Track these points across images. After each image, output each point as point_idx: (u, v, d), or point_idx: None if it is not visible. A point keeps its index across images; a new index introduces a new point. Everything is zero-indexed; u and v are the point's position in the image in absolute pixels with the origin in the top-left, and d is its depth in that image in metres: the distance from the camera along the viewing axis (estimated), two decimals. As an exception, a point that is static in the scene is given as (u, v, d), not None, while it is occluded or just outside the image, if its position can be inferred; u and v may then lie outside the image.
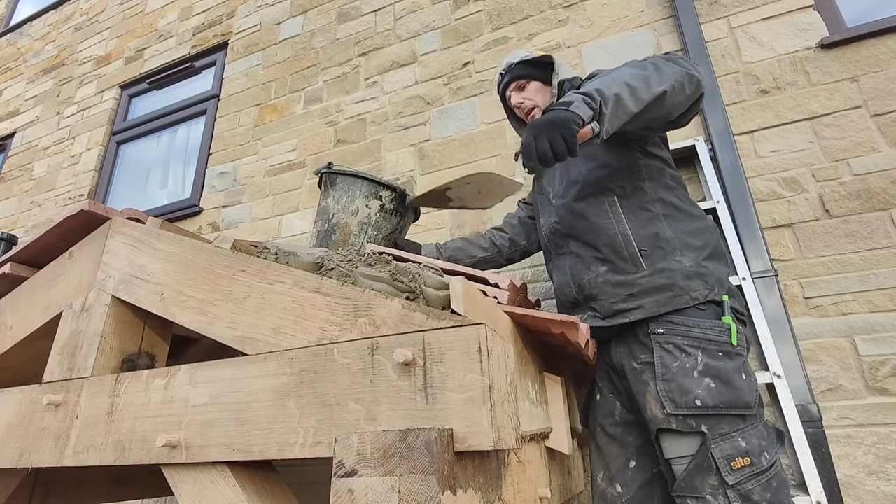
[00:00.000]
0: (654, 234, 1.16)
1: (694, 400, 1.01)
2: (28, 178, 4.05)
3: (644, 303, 1.12)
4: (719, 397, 1.01)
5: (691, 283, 1.10)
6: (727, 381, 1.02)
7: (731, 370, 1.03)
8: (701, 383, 1.02)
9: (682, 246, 1.15)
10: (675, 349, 1.06)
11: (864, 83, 1.82)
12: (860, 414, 1.50)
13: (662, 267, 1.13)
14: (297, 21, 3.38)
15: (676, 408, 1.03)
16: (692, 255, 1.14)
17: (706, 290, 1.11)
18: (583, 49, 2.38)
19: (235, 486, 0.75)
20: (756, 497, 0.96)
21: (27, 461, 0.97)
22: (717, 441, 0.99)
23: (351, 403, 0.69)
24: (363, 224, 1.51)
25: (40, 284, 1.20)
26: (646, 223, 1.18)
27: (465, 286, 0.74)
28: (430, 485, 0.56)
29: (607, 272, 1.18)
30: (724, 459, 0.98)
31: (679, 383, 1.04)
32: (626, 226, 1.18)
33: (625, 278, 1.15)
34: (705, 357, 1.04)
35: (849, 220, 1.69)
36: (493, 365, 0.65)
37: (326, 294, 0.78)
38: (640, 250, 1.15)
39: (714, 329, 1.06)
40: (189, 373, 0.85)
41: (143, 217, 1.14)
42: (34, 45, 4.89)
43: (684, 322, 1.08)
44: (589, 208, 1.23)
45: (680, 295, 1.10)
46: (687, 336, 1.07)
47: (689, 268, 1.12)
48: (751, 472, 0.97)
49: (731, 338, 1.05)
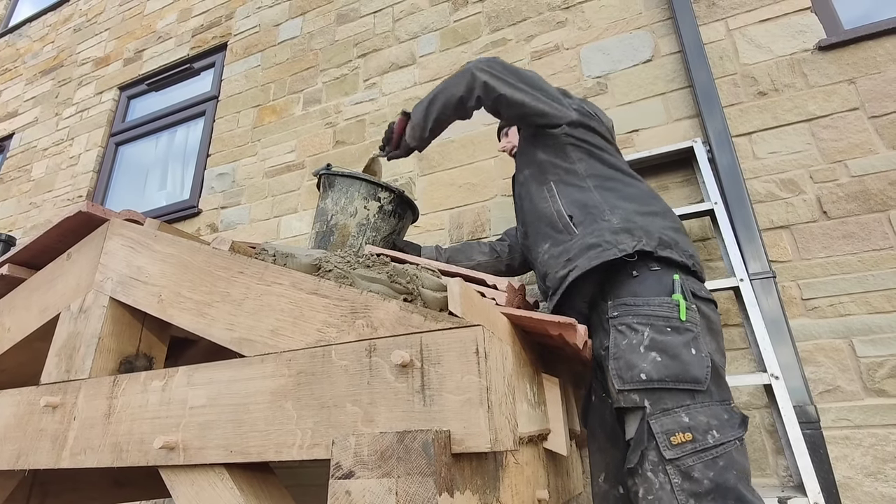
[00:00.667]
0: (585, 203, 1.24)
1: (639, 374, 1.01)
2: (27, 179, 4.05)
3: (578, 262, 1.16)
4: (664, 370, 1.00)
5: (618, 237, 1.14)
6: (673, 355, 1.01)
7: (677, 344, 1.02)
8: (647, 357, 1.02)
9: (611, 207, 1.21)
10: (627, 328, 1.08)
11: (861, 85, 1.82)
12: (858, 415, 1.51)
13: (592, 229, 1.19)
14: (296, 23, 3.38)
15: (623, 383, 1.03)
16: (621, 213, 1.19)
17: (633, 241, 1.12)
18: (581, 51, 2.38)
19: (233, 488, 0.75)
20: (697, 474, 0.93)
21: (25, 463, 0.97)
22: (657, 416, 0.98)
23: (349, 405, 0.69)
24: (362, 225, 1.51)
25: (38, 286, 1.20)
26: (577, 196, 1.26)
27: (463, 287, 0.74)
28: (427, 486, 0.56)
29: (550, 247, 1.26)
30: (664, 434, 0.96)
31: (626, 359, 1.04)
32: (560, 203, 1.27)
33: (562, 247, 1.22)
34: (652, 332, 1.04)
35: (846, 222, 1.69)
36: (491, 366, 0.65)
37: (324, 296, 0.78)
38: (570, 218, 1.23)
39: (662, 305, 1.07)
40: (187, 374, 0.85)
41: (141, 218, 1.14)
42: (33, 47, 4.89)
43: (636, 302, 1.09)
44: (535, 201, 1.35)
45: (607, 248, 1.13)
46: (637, 314, 1.08)
47: (616, 224, 1.17)
48: (692, 448, 0.94)
49: (679, 313, 1.05)
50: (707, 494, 0.92)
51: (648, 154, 1.96)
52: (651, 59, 2.21)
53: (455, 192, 2.41)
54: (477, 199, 2.35)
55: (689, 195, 1.95)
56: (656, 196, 1.30)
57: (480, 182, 2.37)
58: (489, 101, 1.34)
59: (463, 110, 1.38)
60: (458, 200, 2.38)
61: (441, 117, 1.39)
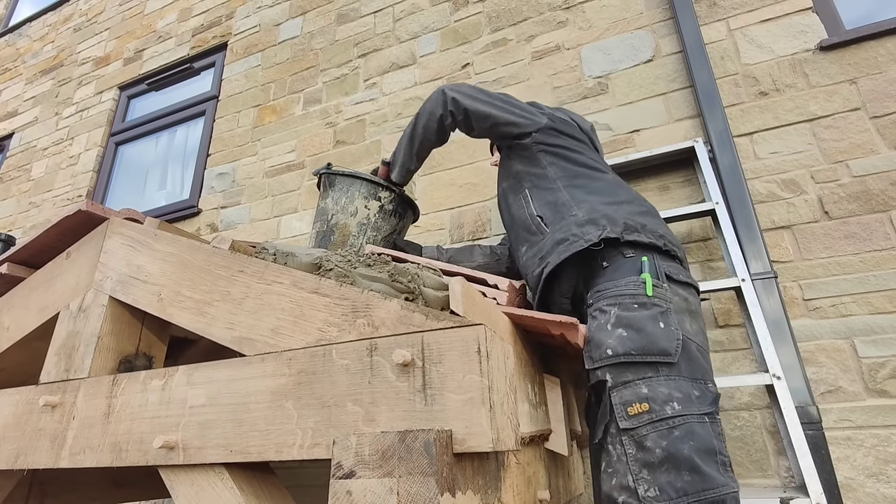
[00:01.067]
0: (553, 203, 1.26)
1: (606, 350, 1.01)
2: (26, 178, 4.04)
3: (550, 258, 1.18)
4: (630, 344, 0.99)
5: (584, 228, 1.16)
6: (639, 329, 1.00)
7: (643, 318, 1.01)
8: (613, 334, 1.02)
9: (578, 202, 1.23)
10: (598, 312, 1.08)
11: (862, 85, 1.82)
12: (860, 416, 1.50)
13: (560, 225, 1.21)
14: (297, 22, 3.38)
15: (593, 363, 1.03)
16: (586, 206, 1.21)
17: (598, 230, 1.13)
18: (582, 51, 2.38)
19: (233, 488, 0.74)
20: (649, 443, 0.90)
21: (23, 462, 0.97)
22: (619, 388, 0.97)
23: (349, 404, 0.68)
24: (362, 225, 1.51)
25: (37, 285, 1.20)
26: (548, 197, 1.29)
27: (465, 286, 0.74)
28: (428, 486, 0.56)
29: (527, 250, 1.29)
30: (622, 405, 0.95)
31: (596, 339, 1.04)
32: (533, 207, 1.31)
33: (537, 248, 1.25)
34: (619, 310, 1.04)
35: (848, 222, 1.69)
36: (493, 366, 0.65)
37: (325, 294, 0.78)
38: (541, 219, 1.26)
39: (629, 284, 1.06)
40: (187, 374, 0.84)
41: (141, 217, 1.13)
42: (33, 46, 4.88)
43: (607, 287, 1.09)
44: (513, 210, 1.38)
45: (574, 241, 1.14)
46: (607, 297, 1.08)
47: (582, 217, 1.19)
48: (649, 418, 0.92)
49: (646, 289, 1.04)
50: (661, 465, 0.89)
51: (649, 154, 1.96)
52: (652, 59, 2.21)
53: (455, 192, 2.41)
54: (477, 199, 2.34)
55: (691, 195, 1.95)
56: (623, 185, 1.33)
57: (481, 182, 2.36)
58: (460, 114, 1.40)
59: (442, 130, 1.45)
60: (458, 200, 2.38)
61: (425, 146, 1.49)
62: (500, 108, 1.39)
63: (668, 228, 1.24)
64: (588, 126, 1.54)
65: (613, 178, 1.34)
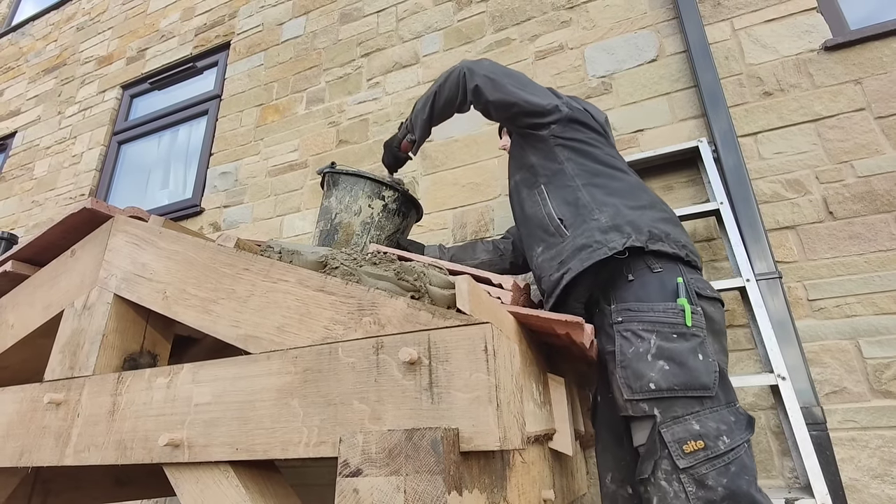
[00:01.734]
0: (573, 203, 1.23)
1: (648, 384, 1.00)
2: (29, 177, 4.05)
3: (571, 265, 1.15)
4: (673, 379, 0.99)
5: (607, 236, 1.13)
6: (681, 363, 1.00)
7: (685, 351, 1.01)
8: (654, 366, 1.01)
9: (600, 205, 1.19)
10: (632, 335, 1.06)
11: (867, 85, 1.81)
12: (864, 417, 1.50)
13: (582, 230, 1.17)
14: (300, 22, 3.38)
15: (633, 393, 1.02)
16: (610, 210, 1.18)
17: (622, 238, 1.11)
18: (585, 51, 2.37)
19: (238, 486, 0.74)
20: (710, 482, 0.92)
21: (28, 460, 0.96)
22: (668, 424, 0.97)
23: (356, 403, 0.68)
24: (366, 224, 1.51)
25: (42, 282, 1.20)
26: (567, 196, 1.25)
27: (471, 285, 0.74)
28: (436, 485, 0.56)
29: (543, 251, 1.26)
30: (676, 443, 0.96)
31: (634, 368, 1.03)
32: (550, 206, 1.27)
33: (555, 250, 1.22)
34: (658, 339, 1.03)
35: (853, 223, 1.68)
36: (500, 364, 0.65)
37: (331, 293, 0.78)
38: (561, 221, 1.22)
39: (668, 311, 1.05)
40: (192, 371, 0.84)
41: (146, 215, 1.13)
42: (36, 45, 4.89)
43: (640, 308, 1.07)
44: (527, 206, 1.35)
45: (598, 248, 1.12)
46: (642, 321, 1.06)
47: (605, 223, 1.15)
48: (705, 455, 0.94)
49: (685, 319, 1.03)
50: (721, 501, 0.92)
51: (653, 154, 1.96)
52: (656, 58, 2.21)
53: (458, 192, 2.40)
54: (480, 199, 2.34)
55: (695, 195, 1.94)
56: (644, 188, 1.29)
57: (484, 181, 2.36)
58: (480, 105, 1.38)
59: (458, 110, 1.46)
60: (461, 200, 2.38)
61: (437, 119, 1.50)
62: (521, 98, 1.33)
63: (687, 235, 1.22)
64: (603, 118, 1.50)
65: (635, 179, 1.31)
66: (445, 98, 1.43)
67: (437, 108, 1.46)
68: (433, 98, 1.46)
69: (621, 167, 1.31)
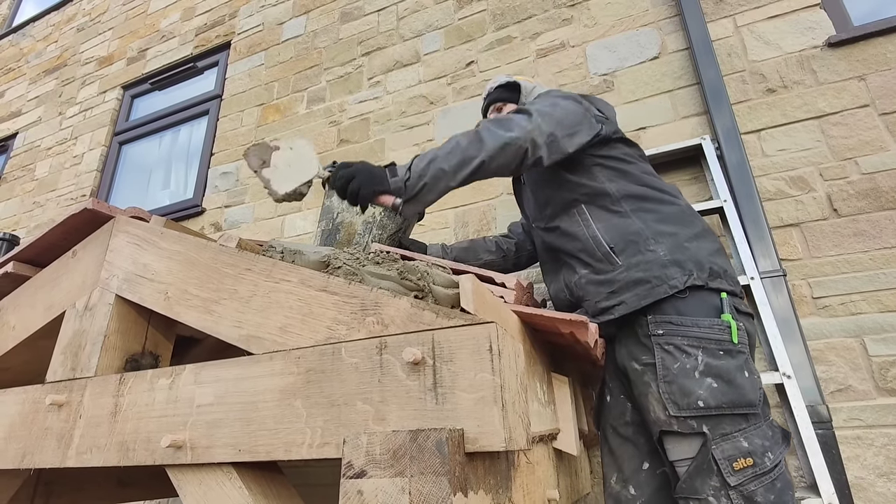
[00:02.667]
0: (624, 230, 1.18)
1: (696, 401, 1.00)
2: (30, 178, 4.05)
3: (625, 298, 1.12)
4: (722, 397, 0.99)
5: (667, 271, 1.10)
6: (729, 381, 1.00)
7: (732, 369, 1.01)
8: (703, 384, 1.01)
9: (655, 235, 1.16)
10: (676, 350, 1.05)
11: (871, 82, 1.80)
12: (870, 415, 1.49)
13: (637, 260, 1.14)
14: (300, 21, 3.37)
15: (679, 410, 1.01)
16: (667, 241, 1.14)
17: (684, 275, 1.09)
18: (587, 48, 2.36)
19: (241, 488, 0.74)
20: (760, 499, 0.94)
21: (30, 462, 0.96)
22: (718, 441, 0.98)
23: (359, 403, 0.67)
24: (368, 223, 1.50)
25: (43, 283, 1.19)
26: (614, 221, 1.21)
27: (475, 284, 0.73)
28: (441, 486, 0.55)
29: (588, 273, 1.21)
30: (726, 460, 0.96)
31: (680, 384, 1.02)
32: (594, 228, 1.22)
33: (604, 277, 1.17)
34: (706, 356, 1.02)
35: (857, 220, 1.67)
36: (504, 364, 0.64)
37: (333, 292, 0.77)
38: (611, 248, 1.18)
39: (714, 328, 1.04)
40: (194, 372, 0.84)
41: (147, 216, 1.13)
42: (36, 46, 4.89)
43: (683, 322, 1.06)
44: (563, 223, 1.29)
45: (658, 285, 1.09)
46: (686, 336, 1.05)
47: (663, 257, 1.12)
48: (753, 472, 0.95)
49: (731, 335, 1.03)
50: None
51: (656, 152, 1.95)
52: (658, 56, 2.20)
53: (460, 191, 2.39)
54: (482, 198, 2.33)
55: (698, 193, 1.93)
56: (694, 212, 1.24)
57: (486, 180, 2.35)
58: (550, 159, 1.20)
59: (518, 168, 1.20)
60: (463, 199, 2.37)
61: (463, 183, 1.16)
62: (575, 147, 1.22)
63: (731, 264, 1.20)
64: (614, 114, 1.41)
65: (685, 202, 1.26)
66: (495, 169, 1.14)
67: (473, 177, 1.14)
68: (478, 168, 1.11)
69: (666, 189, 1.26)
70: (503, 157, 1.13)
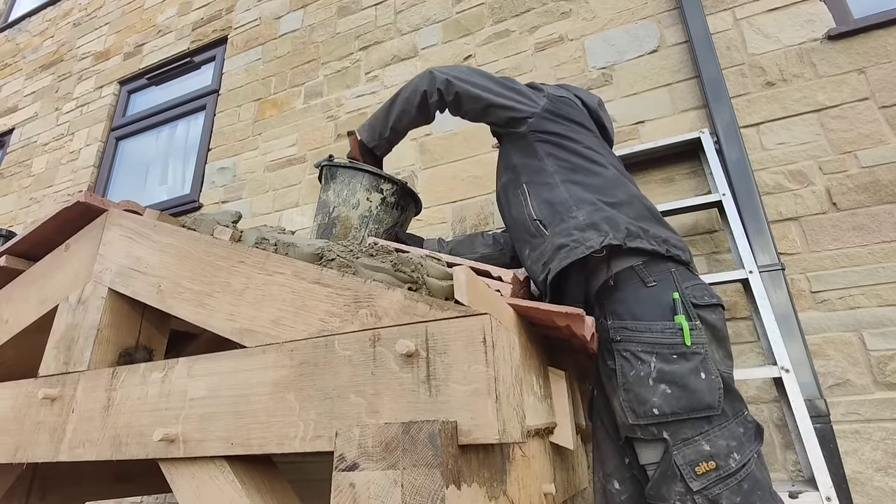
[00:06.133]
0: (551, 202, 1.20)
1: (652, 409, 0.99)
2: (27, 174, 4.03)
3: (551, 265, 1.14)
4: (676, 403, 0.98)
5: (585, 234, 1.11)
6: (683, 385, 0.98)
7: (685, 373, 0.99)
8: (656, 390, 0.99)
9: (577, 202, 1.17)
10: (632, 356, 1.04)
11: (871, 75, 1.79)
12: (868, 409, 1.48)
13: (560, 228, 1.16)
14: (297, 15, 3.35)
15: (637, 417, 1.01)
16: (587, 208, 1.16)
17: (600, 236, 1.09)
18: (585, 42, 2.35)
19: (234, 481, 0.73)
20: (725, 502, 0.92)
21: (23, 456, 0.95)
22: (679, 447, 0.96)
23: (352, 396, 0.67)
24: (364, 217, 1.49)
25: (36, 277, 1.18)
26: (545, 195, 1.23)
27: (469, 276, 0.72)
28: (433, 478, 0.54)
29: (530, 253, 1.24)
30: (688, 465, 0.95)
31: (636, 392, 1.01)
32: (531, 207, 1.24)
33: (539, 251, 1.20)
34: (659, 362, 1.01)
35: (856, 213, 1.66)
36: (499, 356, 0.63)
37: (327, 285, 0.76)
38: (539, 220, 1.21)
39: (666, 332, 1.02)
40: (187, 366, 0.83)
41: (140, 209, 1.12)
42: (32, 41, 4.86)
43: (637, 327, 1.05)
44: (513, 207, 1.32)
45: (575, 247, 1.10)
46: (640, 342, 1.04)
47: (582, 221, 1.13)
48: (717, 476, 0.93)
49: (683, 338, 1.01)
50: None
51: (654, 145, 1.94)
52: (657, 49, 2.18)
53: (458, 185, 2.39)
54: (480, 193, 2.32)
55: (696, 187, 1.93)
56: (622, 182, 1.25)
57: (484, 175, 2.34)
58: (450, 95, 1.33)
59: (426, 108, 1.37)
60: (460, 193, 2.36)
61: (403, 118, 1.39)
62: (493, 92, 1.31)
63: (671, 230, 1.19)
64: (595, 101, 1.44)
65: (613, 173, 1.26)
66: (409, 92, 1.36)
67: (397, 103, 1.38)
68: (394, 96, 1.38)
69: (600, 161, 1.27)
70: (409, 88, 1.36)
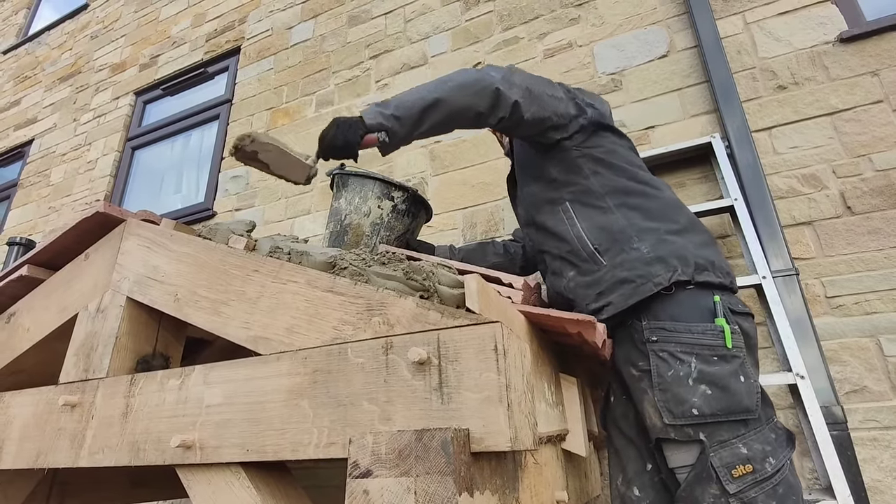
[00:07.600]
0: (608, 228, 1.16)
1: (690, 409, 0.98)
2: (46, 184, 4.12)
3: (612, 298, 1.11)
4: (716, 404, 0.97)
5: (651, 268, 1.08)
6: (723, 387, 0.98)
7: (726, 375, 0.99)
8: (696, 391, 0.99)
9: (638, 232, 1.13)
10: (670, 357, 1.03)
11: (885, 77, 1.77)
12: (886, 416, 1.46)
13: (622, 259, 1.12)
14: (308, 25, 3.40)
15: (674, 418, 1.00)
16: (649, 238, 1.12)
17: (668, 272, 1.06)
18: (595, 48, 2.35)
19: (249, 487, 0.74)
20: None
21: (44, 462, 0.98)
22: (716, 449, 0.96)
23: (365, 403, 0.67)
24: (375, 225, 1.50)
25: (56, 286, 1.21)
26: (598, 219, 1.18)
27: (480, 284, 0.73)
28: (446, 486, 0.55)
29: (575, 276, 1.19)
30: (725, 468, 0.94)
31: (674, 392, 1.00)
32: (579, 227, 1.19)
33: (591, 278, 1.16)
34: (699, 363, 1.00)
35: (871, 217, 1.64)
36: (510, 364, 0.64)
37: (340, 293, 0.77)
38: (595, 248, 1.16)
39: (707, 333, 1.02)
40: (203, 373, 0.84)
41: (157, 219, 1.14)
42: (51, 54, 4.98)
43: (676, 328, 1.04)
44: (548, 222, 1.26)
45: (642, 284, 1.07)
46: (680, 342, 1.03)
47: (647, 254, 1.10)
48: (753, 479, 0.93)
49: (724, 340, 1.01)
50: None
51: (665, 150, 1.93)
52: (666, 54, 2.18)
53: (468, 192, 2.40)
54: (490, 199, 2.33)
55: (708, 192, 1.92)
56: (681, 205, 1.22)
57: (494, 181, 2.35)
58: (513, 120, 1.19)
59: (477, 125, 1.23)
60: (471, 200, 2.37)
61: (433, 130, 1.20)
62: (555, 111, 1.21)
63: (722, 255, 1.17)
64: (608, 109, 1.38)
65: (669, 195, 1.22)
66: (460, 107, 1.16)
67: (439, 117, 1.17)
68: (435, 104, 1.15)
69: (653, 182, 1.23)
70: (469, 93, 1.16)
